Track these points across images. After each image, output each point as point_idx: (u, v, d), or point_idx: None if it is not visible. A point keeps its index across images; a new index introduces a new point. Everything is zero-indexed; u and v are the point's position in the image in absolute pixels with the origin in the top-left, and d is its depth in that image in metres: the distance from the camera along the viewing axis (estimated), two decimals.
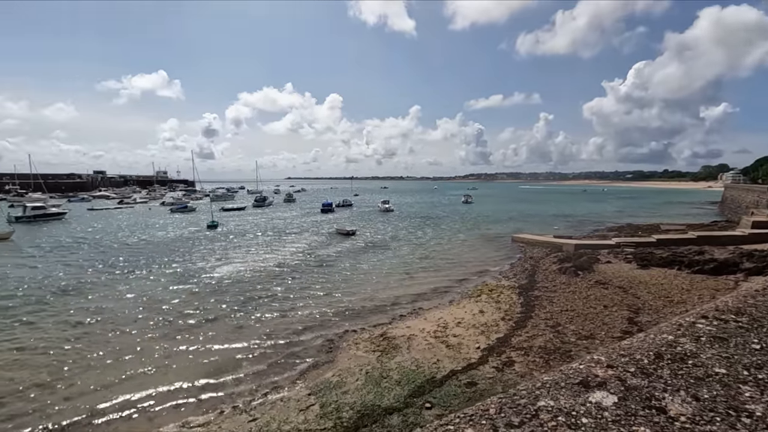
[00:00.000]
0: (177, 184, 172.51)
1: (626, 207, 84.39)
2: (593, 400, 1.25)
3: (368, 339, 15.28)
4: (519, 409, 1.20)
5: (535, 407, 1.21)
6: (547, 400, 1.25)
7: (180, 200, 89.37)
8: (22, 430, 10.20)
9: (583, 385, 1.34)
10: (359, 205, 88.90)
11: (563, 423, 1.13)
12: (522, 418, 1.14)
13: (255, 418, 10.10)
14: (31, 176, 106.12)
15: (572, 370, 1.47)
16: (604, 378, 1.38)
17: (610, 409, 1.21)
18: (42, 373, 13.14)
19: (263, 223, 55.81)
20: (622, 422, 1.15)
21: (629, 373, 1.42)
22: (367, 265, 28.94)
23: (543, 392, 1.31)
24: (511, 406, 1.22)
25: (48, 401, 11.54)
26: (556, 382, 1.37)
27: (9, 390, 12.10)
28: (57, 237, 43.18)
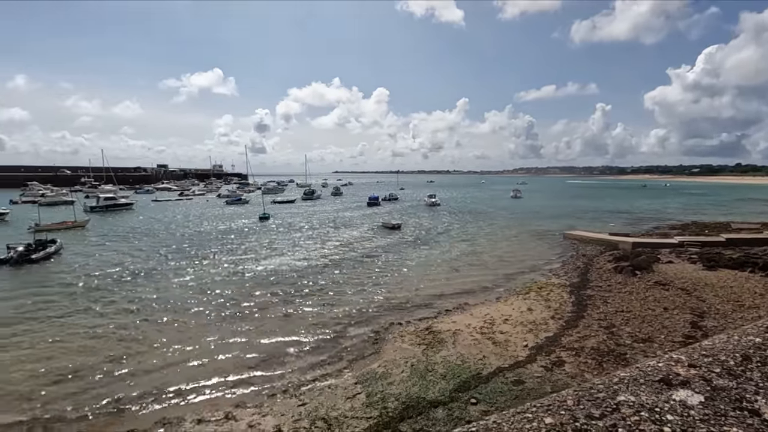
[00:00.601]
0: (231, 177, 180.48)
1: (691, 203, 78.55)
2: (677, 398, 1.19)
3: (413, 332, 15.33)
4: (598, 402, 1.17)
5: (615, 401, 1.17)
6: (626, 395, 1.20)
7: (234, 193, 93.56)
8: (93, 404, 11.17)
9: (665, 383, 1.27)
10: (405, 199, 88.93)
11: (647, 418, 1.08)
12: (602, 411, 1.11)
13: (304, 403, 10.46)
14: (103, 169, 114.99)
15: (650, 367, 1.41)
16: (687, 377, 1.31)
17: (697, 408, 1.14)
18: (110, 352, 14.30)
19: (312, 216, 57.25)
20: (711, 422, 1.09)
21: (714, 373, 1.33)
22: (413, 259, 28.95)
23: (621, 387, 1.27)
24: (589, 398, 1.19)
25: (115, 378, 12.54)
26: (634, 378, 1.32)
27: (81, 365, 13.28)
28: (125, 226, 46.64)
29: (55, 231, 37.55)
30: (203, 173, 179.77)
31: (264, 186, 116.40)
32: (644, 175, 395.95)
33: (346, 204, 78.17)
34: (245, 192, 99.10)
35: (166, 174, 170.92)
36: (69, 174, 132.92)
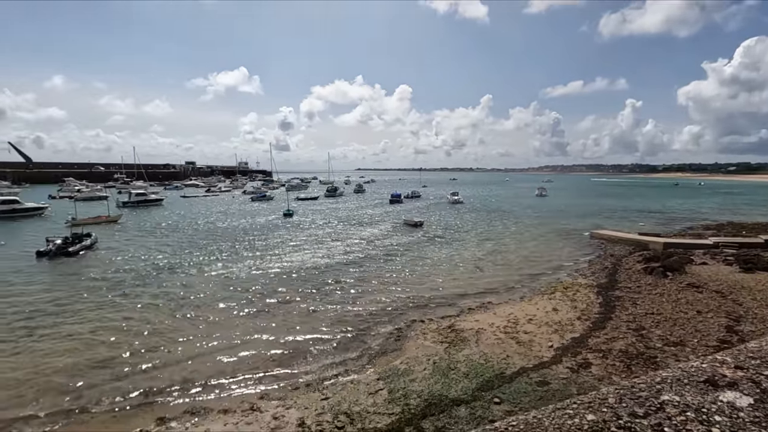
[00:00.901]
0: (256, 174, 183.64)
1: (727, 203, 75.32)
2: (724, 399, 1.14)
3: (436, 330, 15.27)
4: (641, 401, 1.13)
5: (658, 401, 1.13)
6: (671, 395, 1.16)
7: (259, 189, 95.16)
8: (124, 393, 11.59)
9: (710, 384, 1.23)
10: (428, 197, 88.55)
11: (693, 419, 1.04)
12: (646, 410, 1.08)
13: (327, 397, 10.58)
14: (134, 166, 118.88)
15: (694, 368, 1.36)
16: (734, 378, 1.25)
17: (746, 410, 1.10)
18: (140, 343, 14.80)
19: (334, 213, 57.70)
20: (762, 424, 1.04)
21: (764, 376, 1.27)
22: (435, 256, 28.82)
23: (665, 387, 1.22)
24: (631, 397, 1.16)
25: (145, 368, 12.98)
26: (677, 378, 1.27)
27: (113, 355, 13.80)
28: (155, 221, 48.13)
29: (90, 225, 39.06)
30: (229, 170, 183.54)
31: (288, 183, 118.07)
32: (676, 174, 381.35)
33: (369, 201, 78.41)
34: (269, 189, 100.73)
35: (194, 171, 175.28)
36: (103, 170, 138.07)
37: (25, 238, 34.75)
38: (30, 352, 13.85)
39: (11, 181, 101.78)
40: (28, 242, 32.24)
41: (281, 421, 9.56)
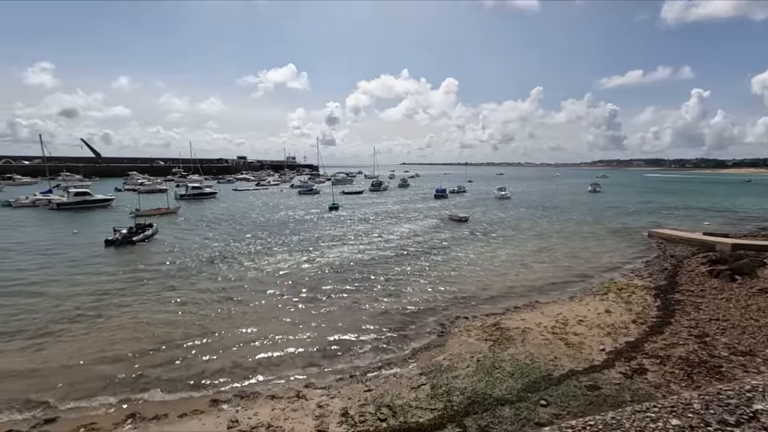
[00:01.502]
0: (303, 168, 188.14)
1: None
2: None
3: (480, 327, 15.01)
4: (731, 409, 1.03)
5: (750, 409, 1.02)
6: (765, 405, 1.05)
7: (306, 184, 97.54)
8: (180, 373, 12.29)
9: None
10: (473, 192, 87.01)
11: None
12: (737, 418, 0.98)
13: (370, 389, 10.69)
14: (191, 161, 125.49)
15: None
16: None
17: None
18: (195, 328, 15.63)
19: (379, 207, 58.05)
20: None
21: None
22: (480, 252, 28.29)
23: (756, 396, 1.11)
24: (719, 404, 1.06)
25: (199, 352, 13.69)
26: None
27: (170, 338, 14.66)
28: (209, 213, 50.62)
29: (151, 216, 41.68)
30: (278, 164, 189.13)
31: (333, 177, 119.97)
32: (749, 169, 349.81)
33: (413, 196, 78.19)
34: (316, 183, 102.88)
35: (245, 165, 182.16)
36: (162, 165, 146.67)
37: (95, 227, 37.68)
38: (98, 332, 15.03)
39: (83, 174, 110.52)
40: (97, 231, 34.91)
41: (326, 410, 9.78)
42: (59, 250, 28.71)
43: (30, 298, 18.52)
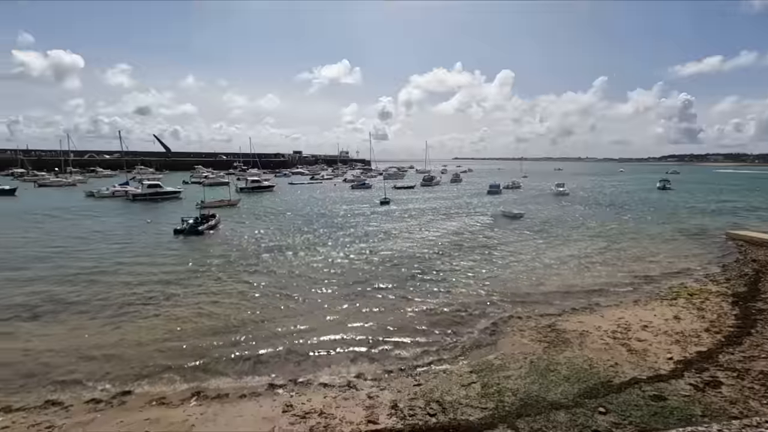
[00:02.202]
0: (356, 163, 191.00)
1: None
2: None
3: (534, 328, 14.54)
4: None
5: None
6: None
7: (358, 178, 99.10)
8: (238, 356, 12.99)
9: None
10: (528, 188, 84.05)
11: None
12: None
13: (419, 384, 10.73)
14: (250, 155, 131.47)
15: None
16: None
17: None
18: (253, 314, 16.44)
19: (430, 202, 57.74)
20: None
21: None
22: (535, 251, 27.32)
23: None
24: None
25: (255, 337, 14.39)
26: None
27: (230, 323, 15.52)
28: (267, 205, 52.91)
29: (215, 207, 44.23)
30: (331, 159, 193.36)
31: (385, 172, 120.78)
32: None
33: (465, 191, 76.94)
34: (368, 177, 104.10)
35: (300, 159, 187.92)
36: (225, 159, 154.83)
37: (165, 217, 40.65)
38: (166, 314, 16.25)
39: (155, 168, 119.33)
40: (168, 220, 37.63)
41: (375, 401, 9.95)
42: (135, 237, 31.31)
43: (109, 281, 20.37)
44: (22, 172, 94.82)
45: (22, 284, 19.84)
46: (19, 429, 9.01)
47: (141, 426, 8.96)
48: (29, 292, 18.59)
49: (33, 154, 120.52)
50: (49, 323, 15.46)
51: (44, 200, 56.75)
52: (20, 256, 25.42)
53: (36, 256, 25.47)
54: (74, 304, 17.34)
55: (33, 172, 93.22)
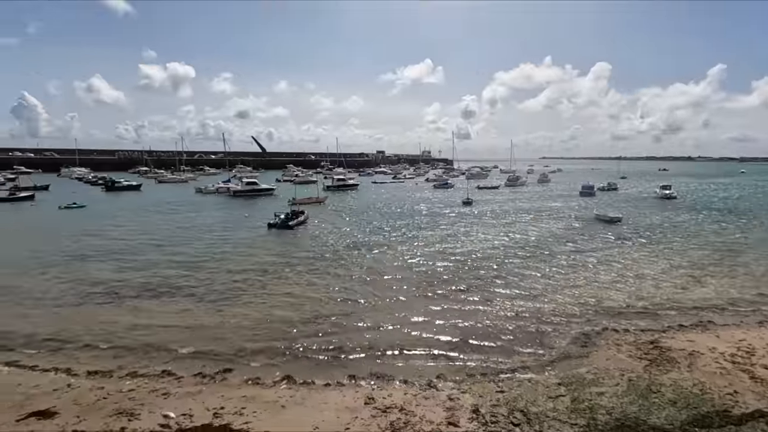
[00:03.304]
0: (438, 162, 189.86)
1: None
2: None
3: (633, 343, 13.27)
4: None
5: None
6: None
7: (441, 177, 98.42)
8: (322, 346, 13.60)
9: None
10: (627, 190, 76.86)
11: None
12: None
13: (502, 390, 10.36)
14: (336, 155, 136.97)
15: None
16: None
17: None
18: (337, 305, 17.13)
19: (515, 203, 55.44)
20: None
21: None
22: (635, 258, 24.91)
23: None
24: None
25: (339, 327, 14.96)
26: None
27: (316, 314, 16.30)
28: (352, 203, 54.84)
29: (304, 204, 46.86)
30: (413, 158, 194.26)
31: (468, 171, 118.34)
32: None
33: (554, 192, 72.62)
34: (450, 177, 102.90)
35: (383, 159, 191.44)
36: (313, 159, 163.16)
37: (260, 212, 43.99)
38: (261, 302, 17.59)
39: (252, 167, 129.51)
40: (262, 215, 40.67)
41: (456, 403, 9.81)
42: (234, 230, 34.35)
43: (213, 268, 22.59)
44: (146, 170, 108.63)
45: (142, 267, 22.81)
46: (142, 392, 10.37)
47: (239, 402, 9.80)
48: (150, 275, 21.29)
49: (154, 154, 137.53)
50: (165, 303, 17.58)
51: (162, 194, 64.69)
52: (143, 242, 29.22)
53: (154, 243, 29.11)
54: (184, 287, 19.50)
55: (154, 170, 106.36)
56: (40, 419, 9.04)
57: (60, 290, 19.05)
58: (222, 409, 9.48)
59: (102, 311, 16.58)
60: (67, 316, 16.06)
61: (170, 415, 9.16)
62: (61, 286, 19.65)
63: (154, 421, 8.94)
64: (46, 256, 25.18)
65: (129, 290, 19.00)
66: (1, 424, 8.78)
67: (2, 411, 9.39)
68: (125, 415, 9.19)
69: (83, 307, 17.11)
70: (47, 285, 19.80)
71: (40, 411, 9.33)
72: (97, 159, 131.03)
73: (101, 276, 21.07)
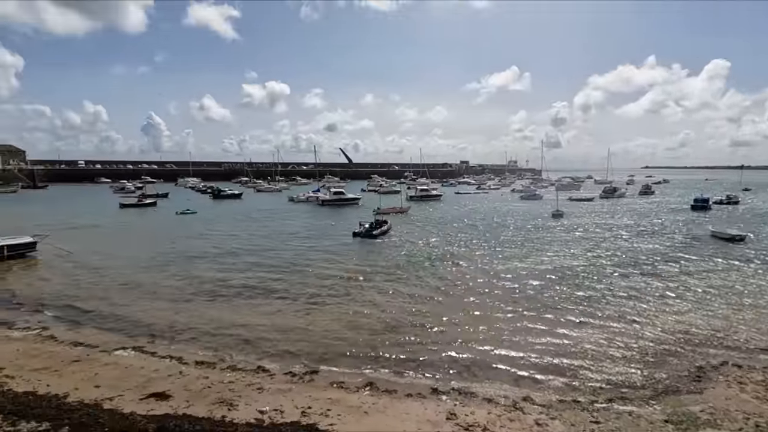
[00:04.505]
0: (525, 172, 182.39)
1: None
2: None
3: (762, 383, 11.43)
4: None
5: None
6: None
7: (528, 188, 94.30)
8: (398, 354, 13.65)
9: None
10: (752, 204, 66.68)
11: None
12: None
13: (598, 421, 9.53)
14: (420, 166, 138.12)
15: None
16: None
17: None
18: (419, 315, 17.11)
19: (612, 217, 51.03)
20: None
21: None
22: (761, 285, 21.50)
23: None
24: None
25: (421, 338, 14.91)
26: None
27: (398, 322, 16.42)
28: (435, 213, 54.72)
29: (388, 214, 47.82)
30: (498, 168, 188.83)
31: (558, 182, 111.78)
32: None
33: (659, 205, 65.54)
34: (539, 187, 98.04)
35: (467, 169, 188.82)
36: (397, 169, 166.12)
37: (346, 221, 45.75)
38: (345, 308, 18.22)
39: (339, 177, 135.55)
40: (347, 224, 42.26)
41: (544, 429, 9.24)
42: (321, 237, 36.17)
43: (303, 272, 23.96)
44: (246, 180, 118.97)
45: (242, 269, 24.96)
46: (240, 385, 11.31)
47: (325, 403, 10.23)
48: (247, 277, 23.22)
49: (254, 165, 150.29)
50: (260, 303, 19.03)
51: (260, 202, 70.51)
52: (243, 246, 32.00)
53: (252, 247, 31.72)
54: (277, 290, 20.92)
55: (253, 180, 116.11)
56: (157, 400, 10.28)
57: (175, 286, 21.58)
58: (309, 408, 9.97)
59: (208, 307, 18.44)
60: (180, 309, 18.11)
61: (265, 409, 9.86)
62: (176, 282, 22.25)
63: (250, 414, 9.68)
64: (165, 255, 28.72)
65: (230, 289, 20.90)
66: (129, 400, 10.16)
67: (130, 388, 10.86)
68: (225, 405, 10.08)
69: (192, 302, 19.17)
70: (165, 281, 22.55)
71: (157, 393, 10.62)
72: (206, 170, 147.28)
73: (208, 275, 23.47)
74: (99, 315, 17.42)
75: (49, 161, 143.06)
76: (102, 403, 9.97)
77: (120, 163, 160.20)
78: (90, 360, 12.88)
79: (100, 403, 10.00)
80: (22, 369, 12.00)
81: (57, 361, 12.63)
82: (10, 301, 19.33)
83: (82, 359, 12.89)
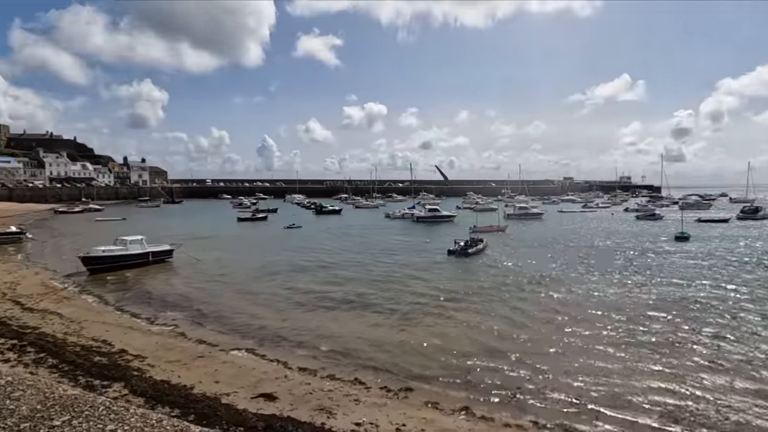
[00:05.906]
0: (640, 189, 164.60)
1: None
2: None
3: None
4: None
5: None
6: None
7: (645, 207, 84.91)
8: (495, 382, 12.98)
9: None
10: None
11: None
12: None
13: None
14: (518, 182, 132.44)
15: None
16: None
17: None
18: (518, 341, 16.20)
19: (754, 241, 43.38)
20: None
21: None
22: None
23: None
24: None
25: (523, 367, 14.03)
26: None
27: (500, 348, 15.71)
28: (535, 233, 51.86)
29: (484, 232, 46.52)
30: (608, 185, 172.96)
31: (682, 200, 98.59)
32: None
33: None
34: (658, 206, 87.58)
35: (571, 186, 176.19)
36: (494, 186, 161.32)
37: (441, 238, 45.50)
38: (440, 327, 18.03)
39: (434, 194, 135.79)
40: (442, 241, 41.98)
41: None
42: (416, 254, 36.44)
43: (398, 288, 24.32)
44: (345, 197, 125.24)
45: (341, 282, 26.16)
46: (338, 394, 11.78)
47: (419, 423, 10.20)
48: (345, 290, 24.23)
49: (353, 183, 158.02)
50: (358, 316, 19.71)
51: (358, 218, 73.54)
52: (342, 260, 33.58)
53: (353, 261, 33.11)
54: (373, 304, 21.49)
55: (352, 197, 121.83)
56: (266, 400, 11.17)
57: (282, 296, 23.38)
58: (404, 426, 10.02)
59: (310, 317, 19.62)
60: (286, 317, 19.54)
61: (362, 421, 10.14)
62: (283, 292, 24.10)
63: (347, 424, 10.04)
64: (273, 266, 31.31)
65: (330, 301, 22.00)
66: (242, 398, 11.20)
67: (243, 386, 11.96)
68: (325, 412, 10.58)
69: (297, 311, 20.56)
70: (274, 290, 24.57)
71: (266, 393, 11.54)
72: (310, 187, 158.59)
73: (310, 287, 25.02)
74: (219, 317, 19.57)
75: (183, 180, 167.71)
76: (220, 398, 11.13)
77: (239, 181, 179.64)
78: (211, 357, 14.49)
79: (219, 397, 11.17)
80: (160, 360, 13.93)
81: (186, 356, 14.44)
82: (150, 299, 22.66)
83: (205, 356, 14.56)
